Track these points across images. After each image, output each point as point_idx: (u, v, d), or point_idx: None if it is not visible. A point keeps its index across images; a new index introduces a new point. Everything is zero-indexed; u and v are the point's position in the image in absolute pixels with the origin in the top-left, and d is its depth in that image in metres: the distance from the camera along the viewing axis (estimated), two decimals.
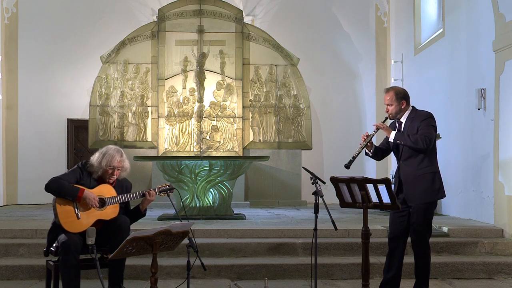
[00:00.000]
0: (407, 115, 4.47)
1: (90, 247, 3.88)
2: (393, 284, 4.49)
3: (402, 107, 4.44)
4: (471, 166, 7.72)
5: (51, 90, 11.41)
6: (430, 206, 4.41)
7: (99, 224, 4.29)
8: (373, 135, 4.45)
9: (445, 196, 4.48)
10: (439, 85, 9.05)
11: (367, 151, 4.50)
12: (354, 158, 4.34)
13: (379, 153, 4.61)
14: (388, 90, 4.51)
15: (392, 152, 4.63)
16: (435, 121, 4.44)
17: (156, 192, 4.46)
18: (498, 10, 6.79)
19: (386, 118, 4.52)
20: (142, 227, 5.32)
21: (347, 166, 4.37)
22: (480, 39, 7.50)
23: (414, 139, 4.29)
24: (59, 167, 11.07)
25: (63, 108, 11.46)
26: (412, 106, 4.51)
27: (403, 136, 4.34)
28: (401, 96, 4.44)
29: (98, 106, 10.80)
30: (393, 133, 4.39)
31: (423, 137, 4.28)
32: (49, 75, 11.40)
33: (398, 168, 4.52)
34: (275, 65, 11.09)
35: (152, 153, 10.77)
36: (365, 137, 4.43)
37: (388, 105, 4.46)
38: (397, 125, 4.52)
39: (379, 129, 4.44)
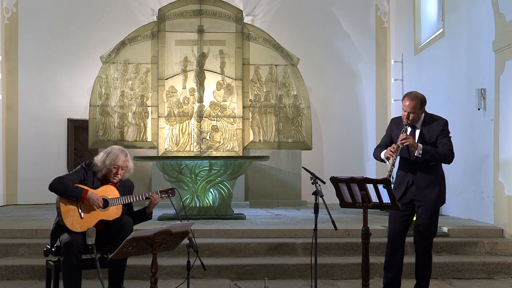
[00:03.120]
0: (422, 120, 4.44)
1: (90, 247, 3.88)
2: (396, 284, 4.52)
3: (421, 114, 4.41)
4: (471, 166, 7.72)
5: (51, 90, 11.41)
6: (438, 209, 4.47)
7: (102, 224, 4.30)
8: (400, 148, 4.30)
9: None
10: (439, 85, 9.04)
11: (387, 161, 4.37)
12: (390, 172, 4.21)
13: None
14: (412, 98, 4.35)
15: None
16: (448, 126, 4.47)
17: (159, 195, 4.48)
18: (498, 10, 6.79)
19: (406, 125, 4.39)
20: (142, 227, 5.31)
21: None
22: (480, 39, 7.50)
23: (443, 154, 4.28)
24: (59, 167, 11.08)
25: (63, 108, 11.46)
26: None
27: (431, 152, 4.27)
28: (424, 103, 4.40)
29: (98, 106, 10.80)
30: (420, 147, 4.28)
31: (448, 152, 4.31)
32: (49, 75, 11.40)
33: (406, 173, 4.43)
34: (275, 65, 11.09)
35: (152, 153, 10.77)
36: (393, 150, 4.26)
37: (410, 112, 4.33)
38: (409, 129, 4.42)
39: (406, 143, 4.27)
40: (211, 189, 7.84)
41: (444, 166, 4.59)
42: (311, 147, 11.09)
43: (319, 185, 4.23)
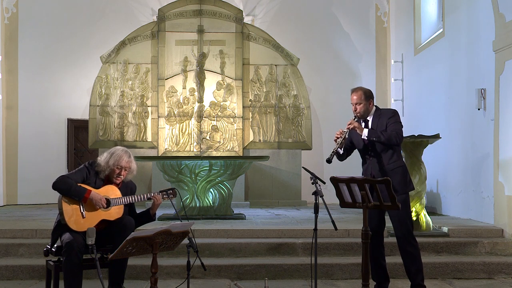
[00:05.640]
0: (373, 113, 4.63)
1: (90, 247, 3.88)
2: (386, 282, 4.59)
3: (369, 106, 4.60)
4: (471, 166, 7.72)
5: (51, 90, 11.41)
6: (407, 197, 4.55)
7: (103, 224, 4.31)
8: (347, 132, 4.56)
9: (414, 188, 4.74)
10: (439, 85, 9.04)
11: (339, 150, 4.57)
12: (334, 152, 4.50)
13: (344, 154, 4.74)
14: (356, 90, 4.63)
15: (352, 151, 4.79)
16: (399, 117, 4.64)
17: (160, 196, 4.49)
18: (498, 10, 6.79)
19: (355, 117, 4.61)
20: (142, 227, 5.31)
21: (329, 160, 4.45)
22: (480, 39, 7.50)
23: (388, 135, 4.44)
24: (59, 167, 11.08)
25: (63, 108, 11.46)
26: (376, 106, 4.68)
27: (376, 133, 4.46)
28: (369, 95, 4.61)
29: (98, 106, 10.80)
30: (365, 131, 4.49)
31: (395, 133, 4.45)
32: (49, 75, 11.40)
33: (367, 166, 4.61)
34: (275, 65, 11.09)
35: (152, 153, 10.77)
36: (340, 133, 4.53)
37: (356, 104, 4.58)
38: (363, 123, 4.63)
39: (351, 127, 4.50)
40: (211, 189, 7.84)
41: (443, 166, 4.61)
42: (311, 147, 11.09)
43: (319, 185, 4.24)
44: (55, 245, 4.28)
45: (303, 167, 4.96)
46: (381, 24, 12.07)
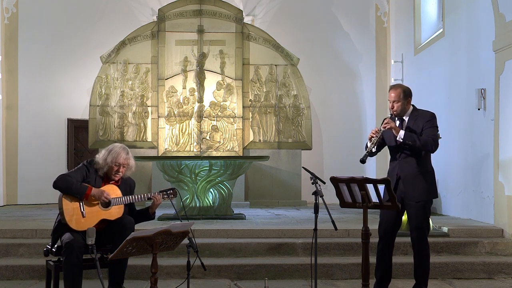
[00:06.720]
0: (410, 113, 4.49)
1: (90, 247, 3.88)
2: (387, 282, 4.57)
3: (407, 105, 4.46)
4: (471, 166, 7.72)
5: (51, 90, 11.41)
6: (430, 203, 4.49)
7: (103, 224, 4.30)
8: (383, 131, 4.41)
9: (437, 196, 4.64)
10: (439, 85, 9.05)
11: (373, 149, 4.45)
12: (369, 152, 4.36)
13: (376, 150, 4.61)
14: (395, 88, 4.48)
15: (383, 147, 4.65)
16: (437, 121, 4.49)
17: (161, 196, 4.49)
18: (498, 10, 6.79)
19: (391, 115, 4.49)
20: (142, 227, 5.32)
21: (363, 161, 4.32)
22: (480, 39, 7.50)
23: (424, 141, 4.31)
24: (59, 167, 11.07)
25: (63, 108, 11.46)
26: (413, 105, 4.54)
27: (413, 137, 4.33)
28: (408, 94, 4.46)
29: (98, 106, 10.80)
30: (402, 133, 4.36)
31: (431, 140, 4.33)
32: (49, 75, 11.40)
33: (394, 166, 4.51)
34: (275, 65, 11.09)
35: (152, 153, 10.77)
36: (375, 132, 4.38)
37: (394, 101, 4.43)
38: (397, 122, 4.51)
39: (388, 127, 4.38)
40: (211, 189, 7.84)
41: (443, 166, 4.60)
42: (311, 147, 11.09)
43: (319, 185, 4.24)
44: (56, 245, 4.28)
45: (303, 167, 4.96)
46: (381, 24, 12.07)
